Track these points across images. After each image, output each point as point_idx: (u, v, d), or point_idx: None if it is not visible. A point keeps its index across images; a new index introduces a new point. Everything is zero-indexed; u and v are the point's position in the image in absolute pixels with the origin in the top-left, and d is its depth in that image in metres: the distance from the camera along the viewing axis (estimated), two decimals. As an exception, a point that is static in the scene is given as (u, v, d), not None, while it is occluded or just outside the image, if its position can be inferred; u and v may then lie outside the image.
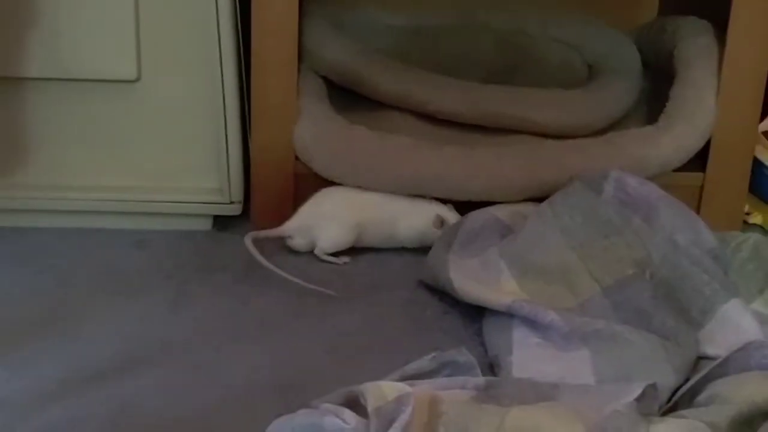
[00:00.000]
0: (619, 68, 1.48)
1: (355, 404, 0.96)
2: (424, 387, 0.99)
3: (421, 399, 0.94)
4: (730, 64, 1.32)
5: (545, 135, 1.37)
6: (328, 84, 1.41)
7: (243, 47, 1.31)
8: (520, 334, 1.12)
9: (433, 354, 1.05)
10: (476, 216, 1.26)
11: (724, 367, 1.05)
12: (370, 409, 0.92)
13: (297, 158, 1.34)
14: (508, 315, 1.14)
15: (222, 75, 1.27)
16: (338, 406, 0.94)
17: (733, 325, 1.12)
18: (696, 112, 1.34)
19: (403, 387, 0.94)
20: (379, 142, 1.31)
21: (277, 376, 1.10)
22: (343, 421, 0.92)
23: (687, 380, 1.06)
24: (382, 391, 0.94)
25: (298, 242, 1.30)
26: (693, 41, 1.39)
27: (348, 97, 1.42)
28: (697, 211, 1.36)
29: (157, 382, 1.09)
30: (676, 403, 1.04)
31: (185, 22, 1.26)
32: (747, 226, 1.40)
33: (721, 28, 1.35)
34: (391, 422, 0.91)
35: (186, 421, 1.04)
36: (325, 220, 1.28)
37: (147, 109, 1.30)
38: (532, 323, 1.13)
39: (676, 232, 1.19)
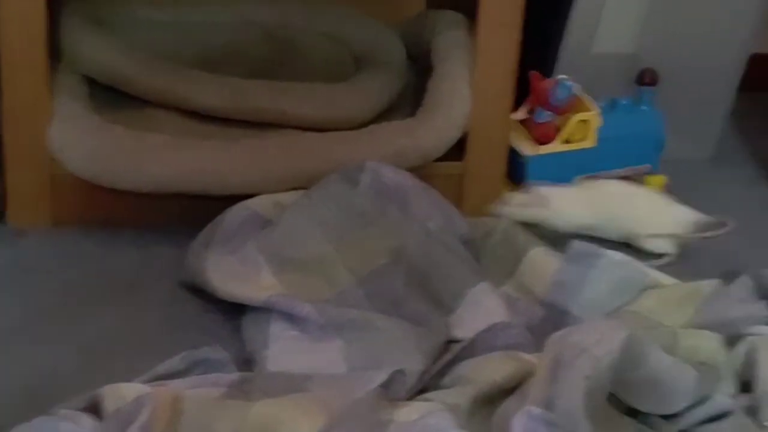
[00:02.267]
0: (384, 61, 1.50)
1: (98, 408, 0.94)
2: (174, 386, 0.98)
3: (163, 398, 0.93)
4: (481, 55, 1.36)
5: (308, 129, 1.37)
6: (92, 83, 1.38)
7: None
8: (277, 328, 1.13)
9: (183, 353, 1.04)
10: (235, 212, 1.25)
11: (471, 349, 1.08)
12: (108, 411, 0.91)
13: (53, 159, 1.30)
14: (266, 310, 1.15)
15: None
16: (77, 411, 0.92)
17: (481, 308, 1.15)
18: (452, 104, 1.37)
19: (142, 388, 0.93)
20: (135, 141, 1.28)
21: (26, 384, 1.07)
22: (80, 426, 0.90)
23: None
24: (122, 392, 0.92)
25: None
26: (447, 34, 1.43)
27: (113, 95, 1.38)
28: (459, 198, 1.39)
29: None
30: (425, 386, 1.06)
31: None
32: (507, 212, 1.44)
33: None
34: (129, 423, 0.90)
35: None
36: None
37: None
38: (290, 317, 1.13)
39: (428, 219, 1.22)
